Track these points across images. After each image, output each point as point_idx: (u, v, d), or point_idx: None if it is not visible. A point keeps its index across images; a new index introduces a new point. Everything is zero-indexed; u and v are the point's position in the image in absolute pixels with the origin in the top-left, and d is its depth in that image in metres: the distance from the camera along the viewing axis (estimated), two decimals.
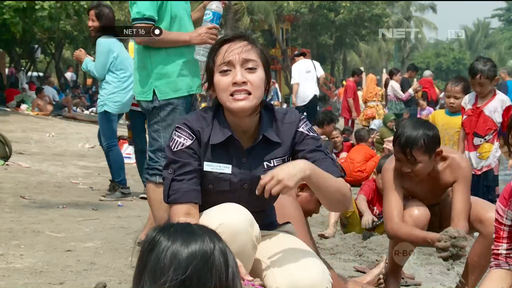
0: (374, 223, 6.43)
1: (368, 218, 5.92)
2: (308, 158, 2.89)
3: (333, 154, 10.16)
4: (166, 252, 1.66)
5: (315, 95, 13.53)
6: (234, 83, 2.80)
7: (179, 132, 2.90)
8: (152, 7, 4.52)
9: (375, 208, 6.38)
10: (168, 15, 4.58)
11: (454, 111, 6.63)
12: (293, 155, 2.98)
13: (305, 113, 12.60)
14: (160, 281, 1.64)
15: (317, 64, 13.95)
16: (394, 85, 15.83)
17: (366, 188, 6.44)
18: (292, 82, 14.90)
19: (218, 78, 2.85)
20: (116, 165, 7.74)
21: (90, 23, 7.68)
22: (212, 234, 1.73)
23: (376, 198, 6.39)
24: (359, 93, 17.96)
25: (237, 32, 2.91)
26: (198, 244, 1.67)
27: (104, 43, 7.58)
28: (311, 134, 2.98)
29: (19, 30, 18.44)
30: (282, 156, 2.96)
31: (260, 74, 2.86)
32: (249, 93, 2.82)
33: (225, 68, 2.83)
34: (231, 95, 2.82)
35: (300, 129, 2.97)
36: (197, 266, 1.64)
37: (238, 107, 2.83)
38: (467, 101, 6.34)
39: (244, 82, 2.80)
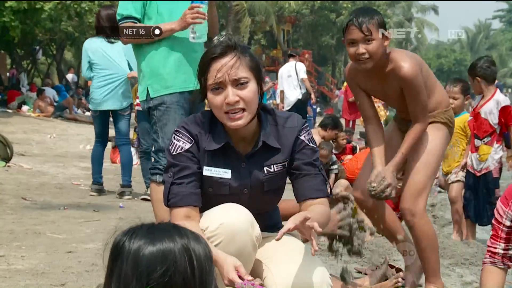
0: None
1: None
2: (302, 170, 2.95)
3: (334, 156, 10.14)
4: (128, 260, 1.65)
5: (298, 99, 13.38)
6: (227, 103, 2.81)
7: (178, 136, 2.92)
8: (132, 5, 4.55)
9: None
10: (155, 12, 4.59)
11: (453, 112, 6.63)
12: (290, 161, 2.99)
13: None
14: None
15: (301, 66, 13.71)
16: None
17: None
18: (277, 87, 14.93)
19: (211, 96, 2.87)
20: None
21: None
22: (173, 232, 1.70)
23: None
24: None
25: (224, 45, 2.88)
26: (156, 246, 1.65)
27: (85, 43, 8.10)
28: (311, 144, 3.00)
29: (18, 34, 18.45)
30: (282, 161, 2.97)
31: (251, 88, 2.86)
32: (244, 110, 2.83)
33: (217, 87, 2.84)
34: (226, 113, 2.83)
35: (302, 137, 2.98)
36: (158, 270, 1.63)
37: (234, 126, 2.85)
38: (474, 103, 6.40)
39: (237, 101, 2.82)
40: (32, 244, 5.17)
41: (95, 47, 7.96)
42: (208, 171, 2.91)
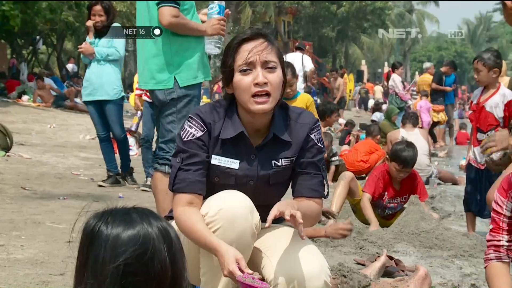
0: (386, 213, 6.42)
1: (374, 230, 5.97)
2: (303, 168, 2.98)
3: (334, 147, 10.14)
4: (106, 245, 1.64)
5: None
6: (256, 84, 2.82)
7: (191, 123, 2.93)
8: None
9: (386, 193, 6.37)
10: (187, 3, 4.60)
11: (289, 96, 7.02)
12: (297, 157, 3.00)
13: None
14: (101, 276, 1.63)
15: (308, 59, 13.78)
16: (396, 79, 15.78)
17: (372, 180, 6.40)
18: None
19: (239, 77, 2.86)
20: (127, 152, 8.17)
21: (97, 18, 7.71)
22: (149, 216, 1.70)
23: (389, 182, 6.37)
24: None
25: (255, 30, 2.92)
26: (136, 230, 1.66)
27: None
28: (319, 144, 3.01)
29: (18, 23, 18.41)
30: (291, 156, 2.98)
31: (279, 74, 2.88)
32: (269, 95, 2.84)
33: (246, 68, 2.84)
34: (253, 96, 2.83)
35: (312, 136, 3.00)
36: (138, 255, 1.63)
37: (259, 110, 2.85)
38: (473, 96, 6.35)
39: (265, 83, 2.82)
40: (32, 233, 5.17)
41: None
42: (216, 160, 2.93)
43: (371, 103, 35.47)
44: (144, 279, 1.63)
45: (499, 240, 3.05)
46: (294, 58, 13.69)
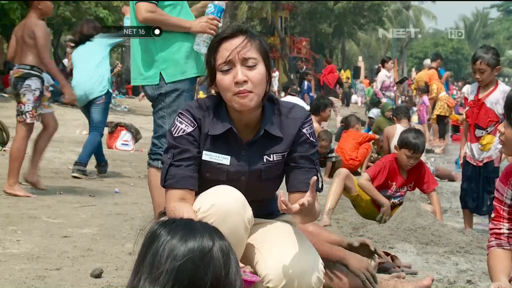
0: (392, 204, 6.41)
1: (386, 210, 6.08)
2: (297, 163, 2.97)
3: (331, 144, 10.14)
4: (165, 246, 1.68)
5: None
6: (236, 83, 2.81)
7: (181, 118, 2.92)
8: None
9: (394, 183, 6.35)
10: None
11: None
12: (289, 152, 2.99)
13: None
14: (155, 273, 1.66)
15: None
16: (381, 75, 15.68)
17: (377, 165, 6.39)
18: None
19: (220, 77, 2.86)
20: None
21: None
22: (213, 232, 1.73)
23: (397, 171, 6.35)
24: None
25: (235, 27, 2.90)
26: (197, 240, 1.68)
27: None
28: (311, 139, 3.00)
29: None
30: (282, 152, 2.97)
31: (260, 70, 2.86)
32: (251, 91, 2.82)
33: (226, 67, 2.84)
34: (234, 94, 2.82)
35: (304, 130, 2.99)
36: (194, 262, 1.66)
37: (242, 107, 2.85)
38: (469, 92, 6.30)
39: (245, 81, 2.81)
40: (28, 228, 5.16)
41: None
42: (207, 155, 2.92)
43: (354, 98, 35.56)
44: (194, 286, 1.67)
45: (500, 228, 3.12)
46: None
